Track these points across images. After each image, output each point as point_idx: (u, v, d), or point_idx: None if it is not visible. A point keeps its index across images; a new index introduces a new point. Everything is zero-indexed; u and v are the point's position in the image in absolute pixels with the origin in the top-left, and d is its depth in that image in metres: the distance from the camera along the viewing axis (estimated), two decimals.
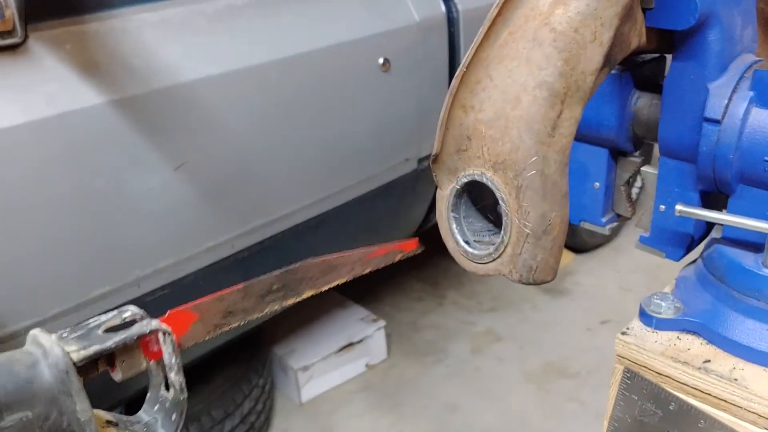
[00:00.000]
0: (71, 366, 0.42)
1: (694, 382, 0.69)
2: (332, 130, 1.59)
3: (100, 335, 0.44)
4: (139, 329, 0.45)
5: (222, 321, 0.49)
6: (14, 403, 0.39)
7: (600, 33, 0.60)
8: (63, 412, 0.41)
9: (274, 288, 0.51)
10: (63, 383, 0.41)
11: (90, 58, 1.18)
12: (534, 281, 0.61)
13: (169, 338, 0.46)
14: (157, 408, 0.48)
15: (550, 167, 0.59)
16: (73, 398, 0.41)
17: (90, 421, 0.42)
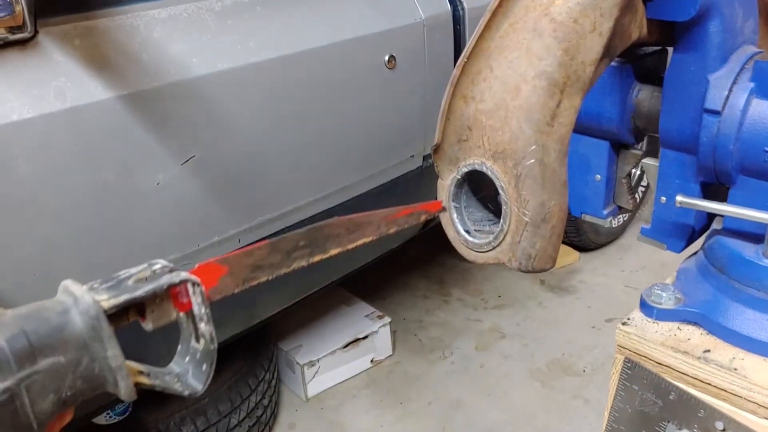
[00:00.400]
0: (102, 313, 0.42)
1: (694, 372, 0.70)
2: (338, 126, 1.60)
3: (131, 285, 0.44)
4: (168, 279, 0.45)
5: (250, 275, 0.49)
6: (46, 348, 0.40)
7: (599, 23, 0.61)
8: (94, 358, 0.42)
9: (300, 245, 0.51)
10: (94, 329, 0.41)
11: (99, 53, 1.19)
12: (533, 269, 0.62)
13: (198, 289, 0.45)
14: (187, 359, 0.48)
15: (549, 156, 0.60)
16: (104, 344, 0.42)
17: (121, 367, 0.42)
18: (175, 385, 0.47)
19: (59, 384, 0.41)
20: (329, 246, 0.53)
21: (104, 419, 1.64)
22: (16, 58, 1.10)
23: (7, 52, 1.09)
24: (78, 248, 1.20)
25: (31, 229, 1.13)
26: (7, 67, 1.09)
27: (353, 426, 2.13)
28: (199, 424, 1.76)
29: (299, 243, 0.51)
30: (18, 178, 1.09)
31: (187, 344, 0.48)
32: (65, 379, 0.41)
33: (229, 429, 1.83)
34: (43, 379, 0.40)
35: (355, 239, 0.56)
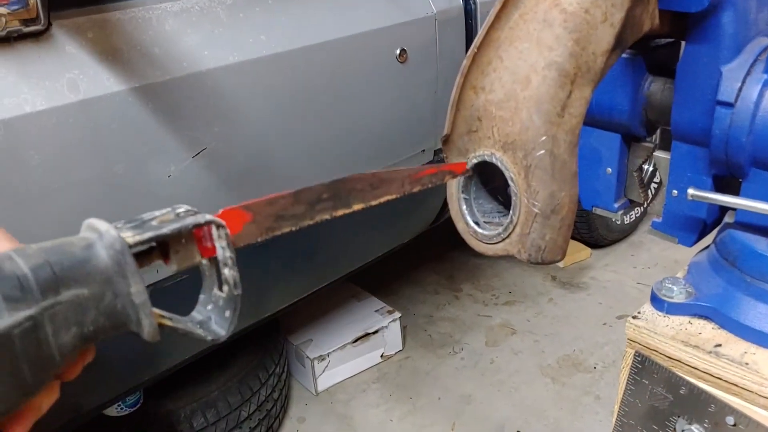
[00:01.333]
0: (127, 247, 0.41)
1: (705, 367, 0.69)
2: (349, 120, 1.60)
3: (155, 225, 0.43)
4: (194, 220, 0.44)
5: (273, 224, 0.48)
6: (70, 279, 0.40)
7: (611, 14, 0.60)
8: (117, 294, 0.41)
9: (323, 197, 0.50)
10: (119, 264, 0.41)
11: (112, 46, 1.20)
12: (542, 261, 0.62)
13: (223, 231, 0.45)
14: (210, 307, 0.47)
15: (559, 147, 0.60)
16: (128, 280, 0.41)
17: (144, 304, 0.42)
18: (197, 330, 0.46)
19: (82, 317, 0.40)
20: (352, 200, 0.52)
21: (115, 411, 1.66)
22: (30, 50, 1.11)
23: (20, 45, 1.10)
24: None
25: (43, 220, 1.14)
26: (20, 59, 1.10)
27: (363, 420, 2.13)
28: (210, 417, 1.77)
29: (322, 195, 0.50)
30: (31, 170, 1.10)
31: (210, 292, 0.47)
32: (88, 312, 0.40)
33: (240, 422, 1.84)
34: (66, 311, 0.39)
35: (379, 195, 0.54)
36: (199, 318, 0.47)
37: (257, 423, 1.91)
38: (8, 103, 1.07)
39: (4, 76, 1.07)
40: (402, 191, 0.57)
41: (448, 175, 0.61)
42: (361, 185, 0.53)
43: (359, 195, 0.53)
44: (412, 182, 0.58)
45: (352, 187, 0.52)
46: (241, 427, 1.85)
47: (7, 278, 0.37)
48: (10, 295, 0.37)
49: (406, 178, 0.57)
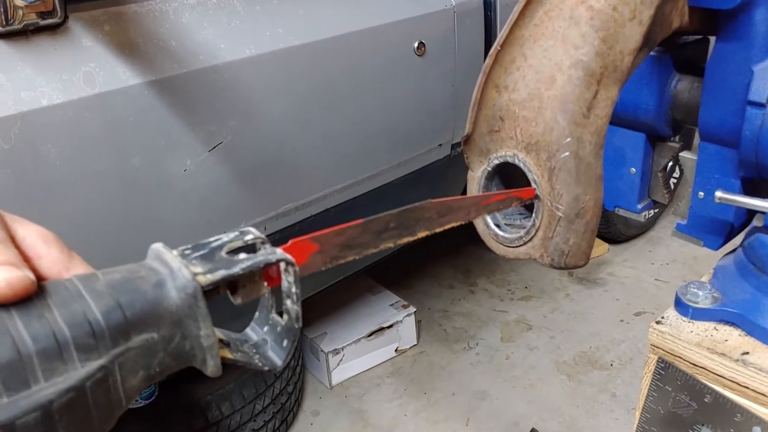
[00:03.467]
0: (200, 292, 0.39)
1: (731, 375, 0.68)
2: (366, 113, 1.58)
3: (225, 258, 0.42)
4: (265, 258, 0.42)
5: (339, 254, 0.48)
6: (141, 324, 0.38)
7: (640, 11, 0.59)
8: (187, 336, 0.40)
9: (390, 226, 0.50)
10: (190, 308, 0.39)
11: (128, 39, 1.19)
12: (565, 266, 0.60)
13: (292, 269, 0.43)
14: (266, 330, 0.46)
15: (584, 149, 0.58)
16: (198, 323, 0.40)
17: (212, 347, 0.40)
18: (254, 359, 0.45)
19: (150, 361, 0.39)
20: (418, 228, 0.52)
21: None
22: (47, 43, 1.11)
23: (37, 38, 1.10)
24: (105, 233, 1.21)
25: (59, 214, 1.14)
26: (37, 52, 1.09)
27: (377, 414, 2.13)
28: (224, 410, 1.77)
29: (390, 224, 0.50)
30: (47, 163, 1.10)
31: (266, 314, 0.46)
32: (156, 355, 0.39)
33: (254, 415, 1.84)
34: (135, 356, 0.38)
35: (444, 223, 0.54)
36: (254, 339, 0.46)
37: (271, 416, 1.91)
38: (25, 96, 1.07)
39: (21, 69, 1.07)
40: (468, 218, 0.57)
41: (515, 201, 0.60)
42: (429, 214, 0.52)
43: (426, 223, 0.52)
44: (479, 209, 0.58)
45: (420, 216, 0.52)
46: (255, 420, 1.85)
47: (78, 324, 0.36)
48: (82, 344, 0.35)
49: (474, 205, 0.57)
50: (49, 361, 0.34)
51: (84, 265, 0.43)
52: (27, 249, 0.40)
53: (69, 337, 0.35)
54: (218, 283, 0.40)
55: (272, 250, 0.43)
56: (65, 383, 0.35)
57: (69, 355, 0.35)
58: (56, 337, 0.35)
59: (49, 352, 0.35)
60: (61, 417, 0.35)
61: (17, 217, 0.42)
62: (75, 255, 0.43)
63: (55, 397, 0.34)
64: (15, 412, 0.33)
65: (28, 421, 0.33)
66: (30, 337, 0.34)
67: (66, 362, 0.35)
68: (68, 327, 0.35)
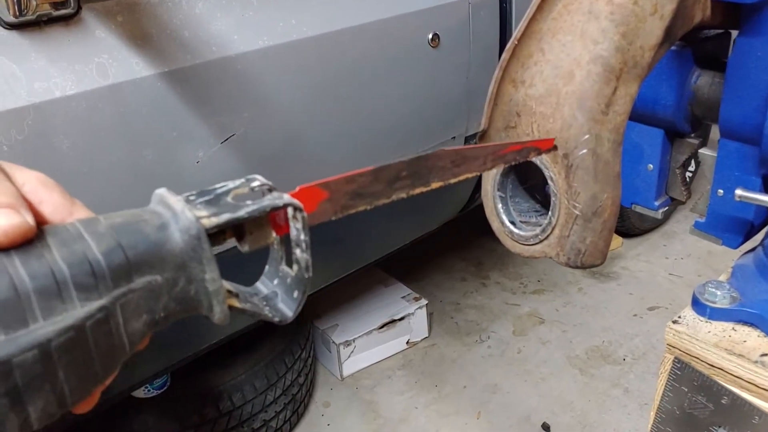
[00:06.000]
0: (203, 232, 0.38)
1: (749, 376, 0.66)
2: (379, 106, 1.57)
3: (230, 203, 0.41)
4: (271, 202, 0.41)
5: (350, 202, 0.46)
6: (144, 265, 0.37)
7: (661, 5, 0.57)
8: (191, 280, 0.39)
9: (402, 174, 0.48)
10: (194, 250, 0.38)
11: (141, 29, 1.18)
12: (582, 265, 0.59)
13: (300, 215, 0.42)
14: (276, 282, 0.45)
15: (602, 146, 0.57)
16: (203, 266, 0.39)
17: (218, 291, 0.40)
18: (264, 310, 0.44)
19: (153, 304, 0.38)
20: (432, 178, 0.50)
21: (143, 393, 1.67)
22: (60, 34, 1.10)
23: (50, 29, 1.09)
24: None
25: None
26: (50, 43, 1.09)
27: (388, 406, 2.13)
28: (236, 400, 1.78)
29: (402, 173, 0.48)
30: (60, 154, 1.10)
31: (276, 266, 0.45)
32: (160, 299, 0.38)
33: (265, 405, 1.85)
34: (138, 299, 0.37)
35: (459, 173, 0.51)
36: (264, 292, 0.45)
37: (283, 407, 1.92)
38: (38, 87, 1.07)
39: (34, 60, 1.07)
40: (483, 168, 0.54)
41: (533, 151, 0.57)
42: (443, 162, 0.50)
43: (440, 172, 0.50)
44: (495, 159, 0.54)
45: (433, 164, 0.49)
46: (266, 411, 1.86)
47: (78, 263, 0.35)
48: (82, 284, 0.35)
49: (490, 155, 0.54)
50: (47, 299, 0.34)
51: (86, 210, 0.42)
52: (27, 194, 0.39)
53: (68, 276, 0.35)
54: (223, 226, 0.39)
55: (279, 195, 0.42)
56: (64, 322, 0.34)
57: (68, 295, 0.34)
58: (55, 276, 0.34)
59: (48, 290, 0.34)
60: (60, 356, 0.34)
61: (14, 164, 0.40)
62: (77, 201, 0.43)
63: (54, 336, 0.33)
64: (12, 350, 0.32)
65: (26, 359, 0.33)
66: (28, 275, 0.34)
67: (65, 301, 0.34)
68: (68, 266, 0.35)
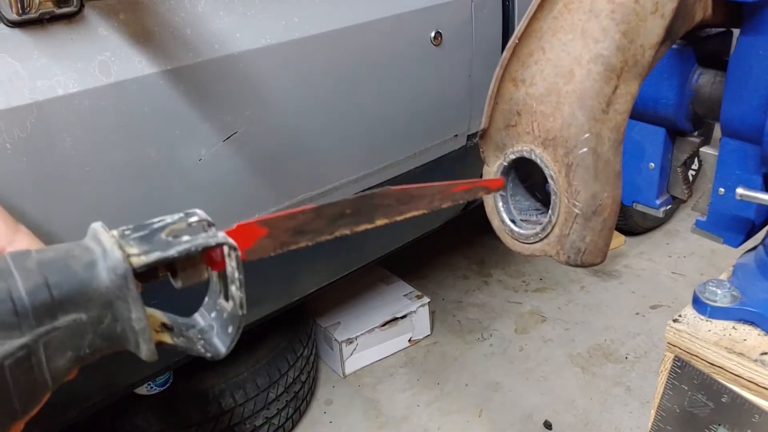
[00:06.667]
0: (130, 272, 0.39)
1: (749, 375, 0.66)
2: (381, 103, 1.57)
3: (164, 240, 0.41)
4: (204, 241, 0.41)
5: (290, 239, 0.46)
6: (69, 304, 0.37)
7: (662, 4, 0.57)
8: (117, 318, 0.39)
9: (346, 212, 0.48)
10: (120, 289, 0.38)
11: (143, 27, 1.19)
12: (582, 264, 0.59)
13: (234, 254, 0.42)
14: (214, 315, 0.45)
15: (603, 145, 0.57)
16: (129, 305, 0.39)
17: (144, 330, 0.40)
18: (197, 345, 0.44)
19: (78, 342, 0.38)
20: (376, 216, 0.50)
21: (145, 390, 1.68)
22: (62, 32, 1.10)
23: (53, 27, 1.10)
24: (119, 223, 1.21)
25: (73, 203, 1.14)
26: (53, 41, 1.09)
27: (390, 404, 2.13)
28: (238, 398, 1.78)
29: (346, 210, 0.48)
30: (62, 152, 1.10)
31: (215, 300, 0.45)
32: (85, 337, 0.38)
33: (268, 403, 1.85)
34: (62, 336, 0.37)
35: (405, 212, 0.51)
36: (201, 324, 0.45)
37: (285, 404, 1.92)
38: (41, 85, 1.07)
39: (37, 58, 1.07)
40: (431, 207, 0.54)
41: (482, 190, 0.57)
42: (389, 201, 0.50)
43: (385, 210, 0.50)
44: (444, 198, 0.54)
45: (378, 203, 0.49)
46: (268, 408, 1.86)
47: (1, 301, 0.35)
48: (3, 322, 0.35)
49: (438, 193, 0.54)
50: None
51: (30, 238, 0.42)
52: None
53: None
54: (152, 265, 0.40)
55: (214, 234, 0.42)
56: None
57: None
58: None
59: None
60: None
61: None
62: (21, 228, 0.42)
63: None
64: None
65: None
66: None
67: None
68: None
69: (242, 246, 0.43)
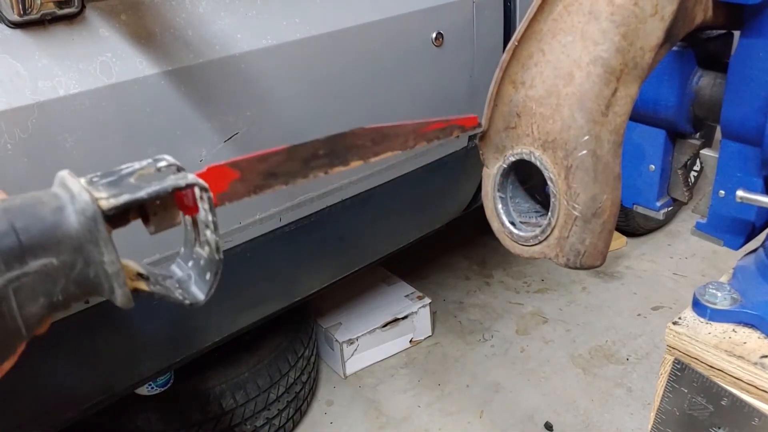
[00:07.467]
0: (99, 214, 0.38)
1: (749, 378, 0.66)
2: (383, 104, 1.57)
3: (133, 184, 0.40)
4: (173, 182, 0.40)
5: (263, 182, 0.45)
6: (38, 248, 0.37)
7: (662, 6, 0.57)
8: (89, 262, 0.38)
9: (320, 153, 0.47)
10: (90, 232, 0.38)
11: (145, 28, 1.19)
12: (581, 266, 0.59)
13: (206, 195, 0.41)
14: (191, 264, 0.44)
15: (602, 147, 0.57)
16: (100, 248, 0.38)
17: (118, 274, 0.39)
18: (175, 293, 0.43)
19: (50, 287, 0.38)
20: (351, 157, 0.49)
21: (146, 390, 1.68)
22: (64, 33, 1.11)
23: (54, 27, 1.10)
24: None
25: None
26: (54, 42, 1.09)
27: (391, 405, 2.13)
28: (239, 398, 1.78)
29: (318, 151, 0.47)
30: (64, 152, 1.10)
31: (191, 248, 0.44)
32: (57, 282, 0.38)
33: (268, 403, 1.85)
34: (33, 282, 0.37)
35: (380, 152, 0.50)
36: (179, 274, 0.44)
37: (285, 405, 1.92)
38: (42, 85, 1.07)
39: (38, 58, 1.07)
40: (406, 146, 0.52)
41: (457, 129, 0.56)
42: (362, 141, 0.49)
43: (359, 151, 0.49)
44: (418, 137, 0.53)
45: (351, 143, 0.48)
46: (269, 409, 1.87)
47: None
48: None
49: (411, 132, 0.52)
50: None
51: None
52: None
53: None
54: (121, 207, 0.39)
55: (184, 175, 0.41)
56: None
57: None
58: None
59: None
60: None
61: None
62: None
63: None
64: None
65: None
66: None
67: None
68: None
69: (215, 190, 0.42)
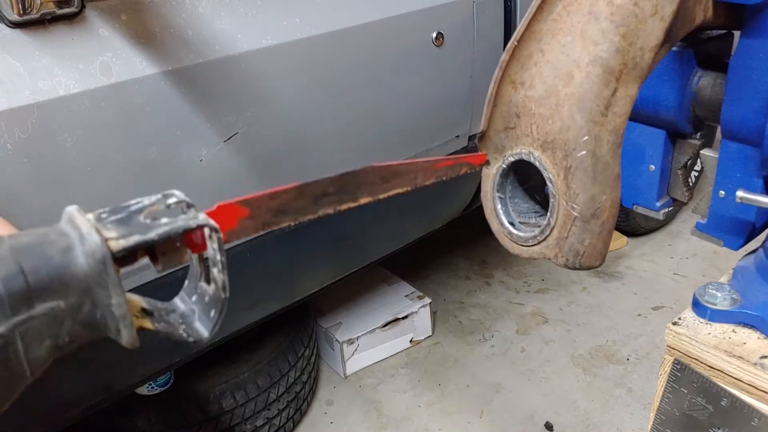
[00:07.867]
0: (109, 256, 0.37)
1: (749, 378, 0.66)
2: (383, 104, 1.57)
3: (142, 222, 0.40)
4: (184, 223, 0.40)
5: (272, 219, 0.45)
6: (46, 291, 0.36)
7: (661, 6, 0.57)
8: (97, 305, 0.38)
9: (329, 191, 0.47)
10: (99, 275, 0.37)
11: (145, 28, 1.19)
12: (580, 266, 0.59)
13: (216, 235, 0.41)
14: (194, 299, 0.44)
15: (602, 148, 0.57)
16: (108, 291, 0.38)
17: (125, 316, 0.38)
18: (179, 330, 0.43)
19: (57, 330, 0.37)
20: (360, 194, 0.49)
21: (146, 390, 1.68)
22: (64, 32, 1.11)
23: (54, 27, 1.10)
24: None
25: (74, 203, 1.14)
26: (54, 41, 1.09)
27: (391, 405, 2.13)
28: (239, 398, 1.78)
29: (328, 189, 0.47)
30: (64, 152, 1.10)
31: (195, 283, 0.44)
32: (63, 324, 0.37)
33: (268, 403, 1.85)
34: (39, 325, 0.36)
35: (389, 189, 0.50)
36: (182, 308, 0.44)
37: (286, 405, 1.92)
38: (42, 85, 1.07)
39: (38, 58, 1.07)
40: (414, 184, 0.52)
41: (465, 167, 0.56)
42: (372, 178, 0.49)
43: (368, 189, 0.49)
44: (427, 175, 0.53)
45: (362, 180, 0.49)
46: (269, 409, 1.87)
47: None
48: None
49: (421, 170, 0.53)
50: None
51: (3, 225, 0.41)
52: None
53: None
54: (131, 249, 0.38)
55: (194, 215, 0.41)
56: None
57: None
58: None
59: None
60: None
61: None
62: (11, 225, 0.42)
63: None
64: None
65: None
66: None
67: None
68: None
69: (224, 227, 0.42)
